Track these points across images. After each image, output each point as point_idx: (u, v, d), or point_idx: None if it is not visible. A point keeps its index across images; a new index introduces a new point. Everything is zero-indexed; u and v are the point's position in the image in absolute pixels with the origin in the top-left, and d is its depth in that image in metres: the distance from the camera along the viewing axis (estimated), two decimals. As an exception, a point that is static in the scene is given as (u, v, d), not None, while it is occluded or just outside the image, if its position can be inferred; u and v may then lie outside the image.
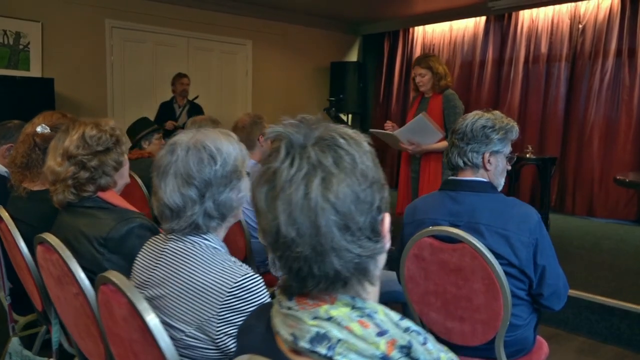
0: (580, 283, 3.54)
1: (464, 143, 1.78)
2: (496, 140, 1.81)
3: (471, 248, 1.64)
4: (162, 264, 1.18)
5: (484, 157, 1.80)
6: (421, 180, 3.62)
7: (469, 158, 1.78)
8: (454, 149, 1.81)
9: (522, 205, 1.73)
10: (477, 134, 1.78)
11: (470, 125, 1.78)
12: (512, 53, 6.67)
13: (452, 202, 1.77)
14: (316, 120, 0.73)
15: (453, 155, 1.81)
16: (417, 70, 3.64)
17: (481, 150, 1.79)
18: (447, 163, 1.83)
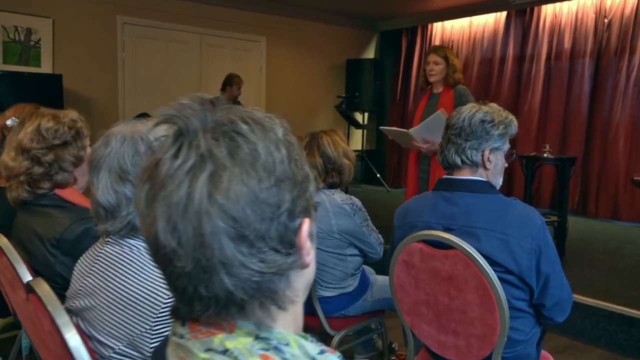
0: (599, 291, 3.32)
1: (462, 139, 1.61)
2: (496, 135, 1.64)
3: (464, 255, 1.48)
4: (95, 270, 1.05)
5: (484, 154, 1.64)
6: (431, 181, 3.43)
7: (468, 156, 1.62)
8: (450, 145, 1.64)
9: (523, 208, 1.56)
10: (475, 129, 1.61)
11: (468, 120, 1.61)
12: (534, 49, 6.41)
13: (446, 203, 1.61)
14: (220, 101, 0.58)
15: (450, 153, 1.64)
16: (431, 58, 3.44)
17: (481, 147, 1.63)
18: (442, 161, 1.66)
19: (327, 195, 2.12)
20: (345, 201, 2.11)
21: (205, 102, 0.57)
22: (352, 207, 2.10)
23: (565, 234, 3.85)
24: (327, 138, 2.16)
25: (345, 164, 2.14)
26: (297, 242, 0.57)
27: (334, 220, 2.08)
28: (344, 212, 2.09)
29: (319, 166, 2.12)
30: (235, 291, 0.53)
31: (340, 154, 2.14)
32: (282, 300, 0.57)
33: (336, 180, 2.14)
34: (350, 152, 2.20)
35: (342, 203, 2.10)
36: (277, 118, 0.60)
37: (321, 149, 2.14)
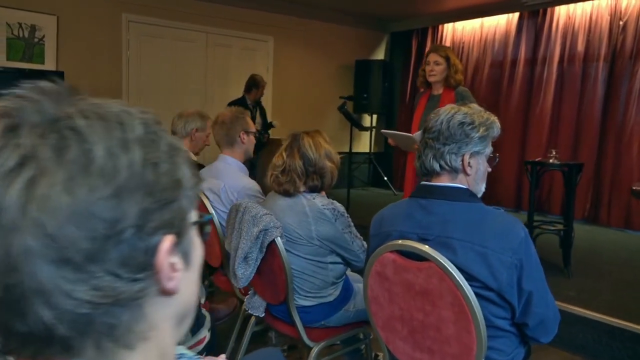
0: (604, 304, 3.16)
1: (440, 143, 1.50)
2: (477, 139, 1.53)
3: (438, 267, 1.37)
4: None
5: (464, 159, 1.52)
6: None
7: (446, 161, 1.50)
8: (428, 150, 1.52)
9: (504, 218, 1.44)
10: (454, 132, 1.49)
11: (446, 123, 1.50)
12: (546, 52, 6.23)
13: (422, 211, 1.49)
14: (70, 90, 0.48)
15: (427, 158, 1.52)
16: (432, 57, 3.32)
17: (460, 151, 1.52)
18: (420, 168, 1.55)
19: (307, 200, 2.02)
20: (327, 206, 2.00)
21: (50, 91, 0.47)
22: (334, 213, 2.00)
23: (571, 243, 3.69)
24: (308, 139, 2.06)
25: (327, 166, 2.03)
26: (153, 265, 0.47)
27: (313, 225, 1.98)
28: (324, 218, 1.98)
29: (299, 168, 2.01)
30: (57, 326, 0.42)
31: (321, 156, 2.03)
32: (127, 337, 0.46)
33: (317, 183, 2.03)
34: (333, 155, 2.09)
35: (322, 208, 1.99)
36: (142, 112, 0.50)
37: (301, 151, 2.04)
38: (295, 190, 2.02)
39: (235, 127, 2.58)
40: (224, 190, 2.47)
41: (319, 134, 2.12)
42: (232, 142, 2.59)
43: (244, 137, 2.60)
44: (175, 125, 3.03)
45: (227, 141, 2.59)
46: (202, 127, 2.97)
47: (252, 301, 2.22)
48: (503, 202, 6.58)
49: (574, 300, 3.19)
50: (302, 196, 2.03)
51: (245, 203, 2.02)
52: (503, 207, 6.53)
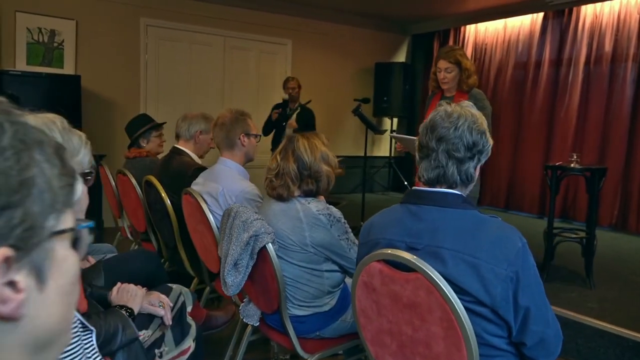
0: (628, 317, 2.98)
1: (461, 153, 1.35)
2: (489, 146, 1.43)
3: (426, 279, 1.26)
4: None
5: (477, 169, 1.42)
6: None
7: (468, 173, 1.38)
8: (450, 162, 1.35)
9: (500, 227, 1.32)
10: (477, 142, 1.38)
11: (468, 130, 1.36)
12: (572, 52, 6.01)
13: (412, 218, 1.39)
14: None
15: (449, 169, 1.36)
16: (442, 65, 3.18)
17: (480, 162, 1.42)
18: (435, 178, 1.38)
19: (302, 204, 1.93)
20: (322, 211, 1.91)
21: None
22: (329, 218, 1.90)
23: (593, 252, 3.51)
24: (303, 142, 1.97)
25: (322, 170, 1.94)
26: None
27: (307, 232, 1.89)
28: (319, 224, 1.89)
29: (293, 172, 1.93)
30: None
31: (317, 159, 1.94)
32: None
33: (312, 187, 1.94)
34: (331, 158, 2.00)
35: (317, 213, 1.90)
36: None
37: (296, 154, 1.95)
38: (289, 194, 1.93)
39: (235, 129, 2.51)
40: (222, 194, 2.40)
41: (316, 136, 2.03)
42: (232, 145, 2.52)
43: (244, 139, 2.53)
44: (179, 128, 2.99)
45: (227, 144, 2.52)
46: (207, 130, 2.91)
47: (246, 309, 2.14)
48: (525, 208, 6.38)
49: (596, 313, 3.02)
50: (296, 201, 1.94)
51: (236, 207, 1.95)
52: (526, 213, 6.34)
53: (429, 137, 1.38)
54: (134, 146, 3.49)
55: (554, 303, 3.17)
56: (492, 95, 6.88)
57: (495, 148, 5.59)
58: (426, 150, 1.39)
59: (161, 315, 1.63)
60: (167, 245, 3.06)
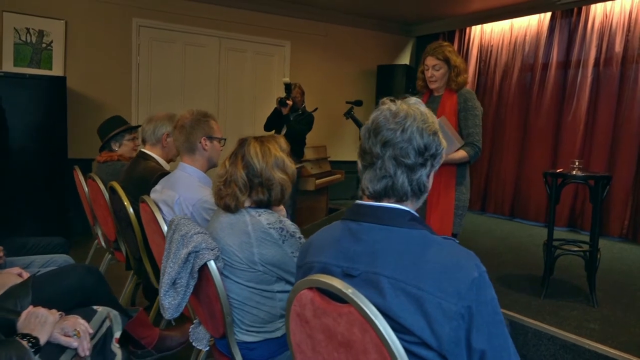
0: (632, 340, 2.71)
1: (418, 158, 1.14)
2: (442, 150, 1.21)
3: (359, 314, 1.03)
4: None
5: (430, 177, 1.20)
6: (429, 199, 2.95)
7: (421, 183, 1.17)
8: (399, 170, 1.14)
9: (453, 251, 1.08)
10: (429, 145, 1.16)
11: (418, 131, 1.14)
12: (581, 53, 5.73)
13: (351, 239, 1.16)
14: None
15: (398, 179, 1.14)
16: (430, 61, 2.95)
17: (433, 168, 1.19)
18: (382, 190, 1.16)
19: (251, 217, 1.71)
20: (273, 225, 1.69)
21: None
22: (281, 233, 1.68)
23: (596, 266, 3.24)
24: (255, 146, 1.76)
25: (276, 177, 1.72)
26: None
27: (256, 248, 1.67)
28: (269, 239, 1.67)
29: (241, 180, 1.71)
30: None
31: (269, 166, 1.73)
32: None
33: (263, 197, 1.72)
34: (287, 165, 1.78)
35: (267, 227, 1.68)
36: None
37: (245, 159, 1.74)
38: (238, 205, 1.72)
39: (195, 132, 2.31)
40: (178, 203, 2.19)
41: (273, 140, 1.82)
42: (193, 149, 2.32)
43: (205, 143, 2.32)
44: (145, 132, 2.78)
45: (187, 148, 2.32)
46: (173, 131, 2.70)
47: (196, 332, 1.92)
48: (530, 216, 6.10)
49: (596, 334, 2.76)
50: (246, 212, 1.72)
51: (178, 219, 1.74)
52: (531, 222, 6.04)
53: (372, 142, 1.16)
54: (106, 149, 3.31)
55: (551, 322, 2.93)
56: (498, 98, 6.62)
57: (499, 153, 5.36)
58: (370, 157, 1.17)
59: (74, 346, 1.42)
60: (134, 256, 2.86)
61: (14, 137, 4.59)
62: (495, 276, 3.84)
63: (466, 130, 2.90)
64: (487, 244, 5.06)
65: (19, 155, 4.62)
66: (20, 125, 4.60)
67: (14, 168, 4.61)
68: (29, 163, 4.67)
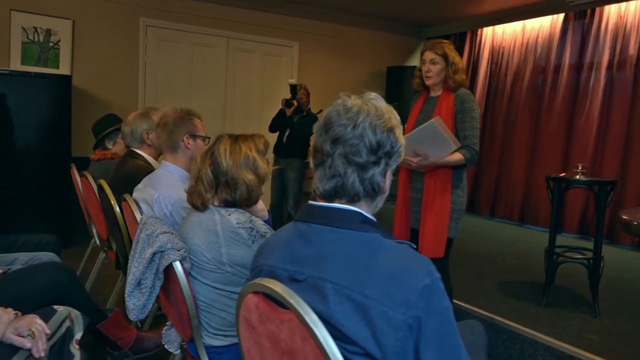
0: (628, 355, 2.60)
1: (370, 156, 1.07)
2: (400, 147, 1.14)
3: (299, 322, 0.97)
4: None
5: (387, 176, 1.13)
6: (425, 202, 2.87)
7: (374, 183, 1.09)
8: (350, 169, 1.07)
9: (403, 258, 1.01)
10: (383, 142, 1.09)
11: (371, 127, 1.07)
12: (594, 56, 5.58)
13: (300, 241, 1.10)
14: None
15: (349, 178, 1.07)
16: (427, 56, 2.84)
17: (388, 167, 1.13)
18: (331, 190, 1.09)
19: (221, 216, 1.66)
20: (243, 224, 1.63)
21: None
22: (251, 233, 1.63)
23: (599, 274, 3.12)
24: (226, 143, 1.71)
25: (241, 177, 1.66)
26: None
27: (224, 248, 1.61)
28: (237, 239, 1.62)
29: (207, 177, 1.67)
30: None
31: (236, 164, 1.67)
32: None
33: (228, 196, 1.67)
34: (258, 166, 1.71)
35: (237, 227, 1.62)
36: None
37: (214, 156, 1.69)
38: (203, 203, 1.67)
39: (178, 130, 2.27)
40: (158, 202, 2.15)
41: (249, 139, 1.76)
42: (175, 147, 2.28)
43: (188, 141, 2.28)
44: (125, 137, 2.74)
45: (169, 146, 2.28)
46: (152, 127, 2.66)
47: (168, 334, 1.88)
48: (540, 222, 5.95)
49: (595, 346, 2.65)
50: (216, 211, 1.67)
51: (145, 218, 1.69)
52: (541, 228, 5.88)
53: (323, 139, 1.09)
54: (100, 148, 3.29)
55: (549, 332, 2.82)
56: (509, 101, 6.49)
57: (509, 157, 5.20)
58: (320, 155, 1.10)
59: (27, 347, 1.38)
60: (122, 255, 2.83)
61: (19, 135, 4.62)
62: (496, 282, 3.74)
63: (463, 132, 2.79)
64: (493, 249, 4.94)
65: (23, 153, 4.65)
66: (25, 124, 4.62)
67: (18, 166, 4.64)
68: (34, 161, 4.70)
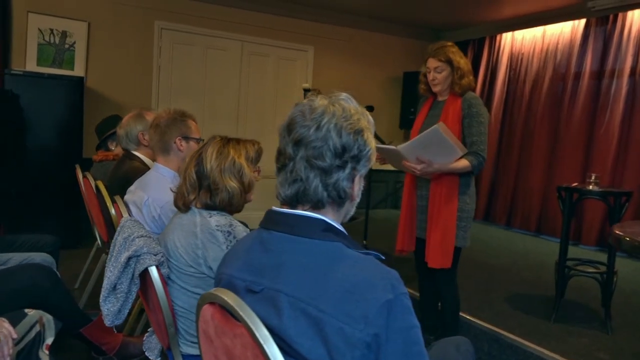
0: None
1: (335, 159, 1.00)
2: (369, 150, 1.06)
3: (250, 337, 0.90)
4: None
5: (355, 182, 1.05)
6: (430, 210, 2.77)
7: (340, 189, 1.02)
8: (312, 173, 1.00)
9: (365, 269, 0.93)
10: (349, 145, 1.02)
11: (336, 129, 1.00)
12: (616, 63, 5.40)
13: (260, 249, 1.03)
14: None
15: (311, 183, 1.00)
16: (431, 63, 2.75)
17: (356, 172, 1.05)
18: (292, 197, 1.03)
19: (202, 217, 1.60)
20: (222, 227, 1.57)
21: None
22: (227, 237, 1.56)
23: (612, 289, 2.98)
24: (215, 146, 1.65)
25: (224, 183, 1.60)
26: None
27: (201, 250, 1.56)
28: (214, 242, 1.56)
29: (191, 178, 1.62)
30: None
31: (220, 169, 1.61)
32: None
33: (208, 200, 1.61)
34: (245, 173, 1.65)
35: (215, 229, 1.57)
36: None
37: (200, 158, 1.64)
38: (185, 204, 1.62)
39: (170, 132, 2.22)
40: (147, 205, 2.11)
41: (241, 144, 1.69)
42: (167, 149, 2.24)
43: (180, 143, 2.23)
44: (121, 140, 2.72)
45: (161, 147, 2.23)
46: (147, 127, 2.63)
47: (149, 340, 1.82)
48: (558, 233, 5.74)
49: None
50: (197, 213, 1.62)
51: (124, 220, 1.65)
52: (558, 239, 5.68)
53: (285, 141, 1.03)
54: (102, 149, 3.28)
55: (557, 348, 2.69)
56: (527, 108, 6.33)
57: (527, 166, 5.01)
58: (283, 158, 1.03)
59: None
60: (119, 258, 2.80)
61: (31, 135, 4.66)
62: (506, 294, 3.61)
63: (470, 138, 2.69)
64: (506, 260, 4.80)
65: (35, 153, 4.68)
66: (37, 124, 4.66)
67: (29, 166, 4.68)
68: (45, 162, 4.73)
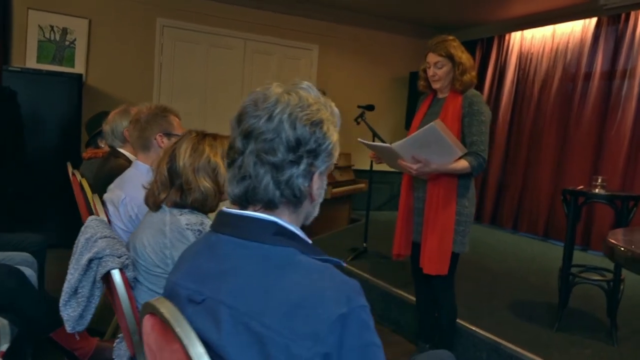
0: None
1: (288, 154, 0.90)
2: (329, 145, 0.95)
3: (185, 354, 0.80)
4: None
5: (313, 180, 0.94)
6: (427, 214, 2.65)
7: (294, 187, 0.91)
8: (262, 169, 0.90)
9: (317, 280, 0.81)
10: (305, 138, 0.91)
11: (289, 120, 0.91)
12: (627, 62, 5.24)
13: (207, 254, 0.93)
14: None
15: (261, 181, 0.90)
16: (431, 58, 2.63)
17: (313, 169, 0.93)
18: (241, 196, 0.92)
19: (172, 216, 1.51)
20: (192, 226, 1.48)
21: None
22: (198, 236, 1.46)
23: (619, 298, 2.84)
24: (189, 142, 1.56)
25: (196, 183, 1.51)
26: None
27: (169, 249, 1.46)
28: (184, 241, 1.46)
29: (162, 175, 1.52)
30: None
31: (193, 167, 1.51)
32: None
33: (177, 199, 1.51)
34: (220, 173, 1.55)
35: (185, 227, 1.47)
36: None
37: (173, 154, 1.54)
38: (155, 203, 1.52)
39: (151, 128, 2.13)
40: (124, 203, 2.02)
41: (217, 141, 1.60)
42: (148, 146, 2.14)
43: (161, 140, 2.14)
44: (107, 136, 2.64)
45: (141, 144, 2.14)
46: None
47: (119, 347, 1.73)
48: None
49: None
50: (168, 211, 1.53)
51: (89, 220, 1.55)
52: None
53: (235, 133, 0.92)
54: (92, 146, 3.20)
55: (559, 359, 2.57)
56: (536, 109, 6.18)
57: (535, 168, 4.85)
58: (232, 152, 0.93)
59: None
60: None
61: (29, 132, 4.60)
62: (509, 301, 3.48)
63: (470, 137, 2.56)
64: (512, 265, 4.66)
65: (33, 150, 4.63)
66: (35, 121, 4.61)
67: (27, 163, 4.63)
68: (43, 159, 4.68)
